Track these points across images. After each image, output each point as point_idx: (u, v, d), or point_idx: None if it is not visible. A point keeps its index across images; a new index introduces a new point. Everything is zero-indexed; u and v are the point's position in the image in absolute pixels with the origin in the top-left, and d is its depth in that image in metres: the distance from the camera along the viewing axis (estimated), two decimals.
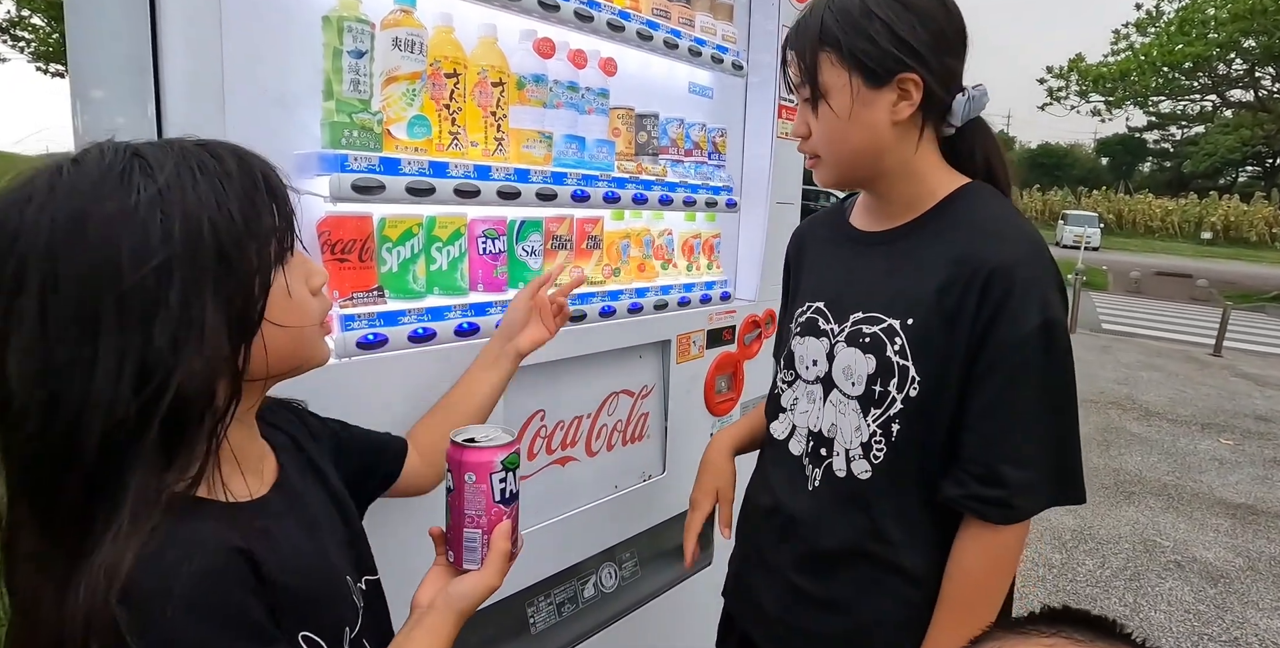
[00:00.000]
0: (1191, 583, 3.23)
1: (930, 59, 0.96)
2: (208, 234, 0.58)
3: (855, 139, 1.00)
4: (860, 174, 1.05)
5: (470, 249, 1.28)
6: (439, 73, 1.20)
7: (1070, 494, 0.96)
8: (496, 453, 0.79)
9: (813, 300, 1.11)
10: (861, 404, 1.01)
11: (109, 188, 0.57)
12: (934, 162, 1.04)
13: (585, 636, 1.54)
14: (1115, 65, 20.90)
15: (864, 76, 0.96)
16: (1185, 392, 6.61)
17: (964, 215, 1.00)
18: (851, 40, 0.96)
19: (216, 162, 0.61)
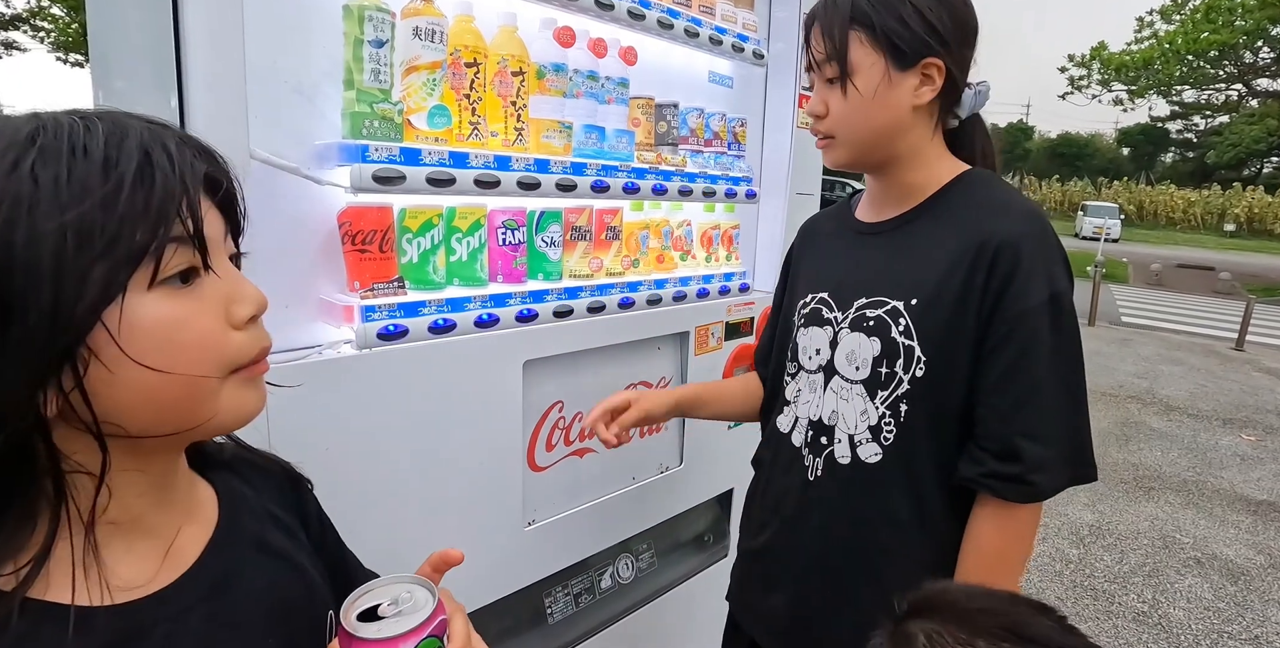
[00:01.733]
0: (1211, 580, 3.20)
1: (953, 47, 0.98)
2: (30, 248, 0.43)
3: (877, 119, 1.00)
4: (875, 156, 1.05)
5: (490, 240, 1.27)
6: (459, 62, 1.19)
7: (1085, 472, 0.96)
8: (404, 641, 0.54)
9: (816, 291, 1.12)
10: (868, 387, 1.02)
11: None
12: (942, 150, 1.06)
13: (602, 626, 1.55)
14: (1138, 53, 20.55)
15: (893, 57, 0.97)
16: (1206, 386, 6.52)
17: (967, 197, 1.02)
18: (884, 20, 0.97)
19: (81, 148, 0.45)
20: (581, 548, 1.49)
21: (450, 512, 1.22)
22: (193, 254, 0.49)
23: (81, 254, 0.44)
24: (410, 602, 0.58)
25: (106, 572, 0.50)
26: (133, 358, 0.47)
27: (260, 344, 0.54)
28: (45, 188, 0.44)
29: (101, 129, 0.47)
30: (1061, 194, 36.78)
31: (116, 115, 0.49)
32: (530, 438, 1.36)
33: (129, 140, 0.47)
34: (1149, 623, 2.85)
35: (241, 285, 0.54)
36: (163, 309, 0.48)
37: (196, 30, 0.91)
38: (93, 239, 0.44)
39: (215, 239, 0.52)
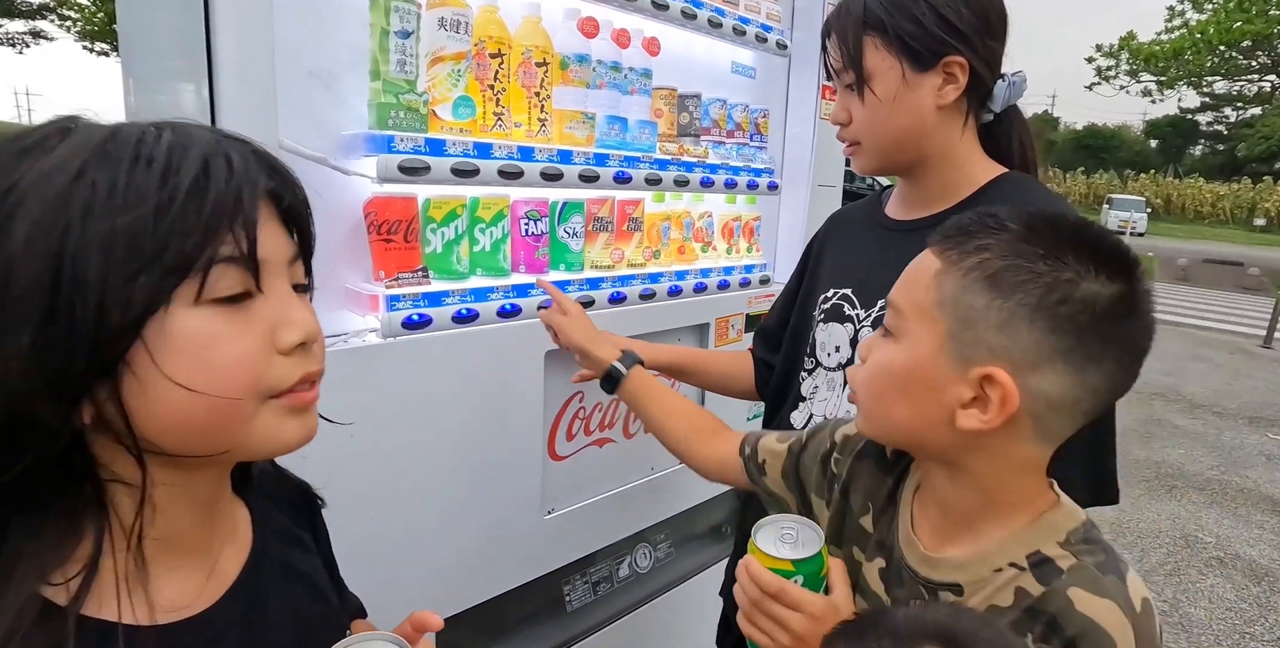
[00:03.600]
0: (1234, 580, 3.16)
1: (976, 42, 0.95)
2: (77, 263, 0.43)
3: (899, 123, 0.98)
4: (902, 159, 1.03)
5: (512, 230, 1.28)
6: (483, 53, 1.19)
7: (1106, 495, 0.94)
8: None
9: (839, 286, 1.10)
10: None
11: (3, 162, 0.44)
12: (974, 149, 1.02)
13: (620, 615, 1.56)
14: (1168, 44, 20.15)
15: (910, 60, 0.95)
16: (1233, 384, 6.42)
17: (1002, 199, 0.98)
18: (897, 23, 0.94)
19: (146, 157, 0.45)
20: (600, 537, 1.50)
21: (471, 500, 1.24)
22: (244, 275, 0.48)
23: (129, 262, 0.43)
24: None
25: (152, 590, 0.49)
26: (164, 372, 0.45)
27: (303, 370, 0.51)
28: (101, 194, 0.43)
29: (167, 138, 0.46)
30: (1087, 187, 36.18)
31: (190, 126, 0.48)
32: (551, 427, 1.37)
33: (192, 150, 0.46)
34: (1169, 622, 2.82)
35: (292, 310, 0.51)
36: (203, 326, 0.46)
37: (227, 21, 0.92)
38: (141, 247, 0.44)
39: (274, 261, 0.50)
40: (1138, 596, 0.62)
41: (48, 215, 0.42)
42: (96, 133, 0.46)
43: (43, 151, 0.44)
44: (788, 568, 0.71)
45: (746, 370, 1.30)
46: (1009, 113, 1.03)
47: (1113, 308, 0.59)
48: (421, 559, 1.19)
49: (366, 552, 1.09)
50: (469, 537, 1.25)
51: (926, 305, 0.65)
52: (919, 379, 0.65)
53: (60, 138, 0.45)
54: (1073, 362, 0.60)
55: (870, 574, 0.78)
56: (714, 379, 1.33)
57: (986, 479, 0.67)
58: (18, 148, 0.44)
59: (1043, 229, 0.62)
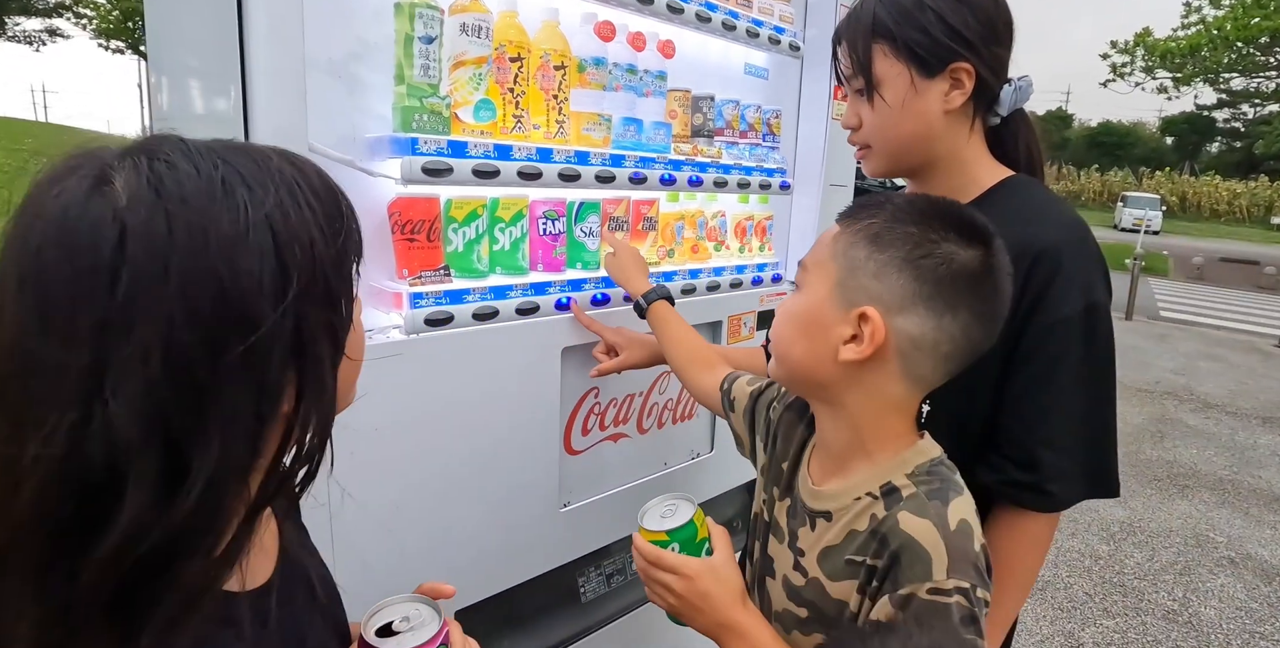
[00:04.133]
0: (1245, 580, 3.16)
1: (981, 48, 0.97)
2: (316, 267, 0.50)
3: (908, 128, 1.01)
4: (910, 163, 1.06)
5: (531, 230, 1.31)
6: (504, 57, 1.22)
7: (1105, 486, 0.96)
8: None
9: None
10: None
11: (218, 201, 0.47)
12: (980, 152, 1.05)
13: (633, 606, 1.59)
14: (1185, 40, 19.94)
15: (917, 66, 0.98)
16: (1247, 384, 6.38)
17: (1008, 204, 1.00)
18: (904, 31, 0.97)
19: (302, 177, 0.52)
20: (614, 530, 1.53)
21: (490, 493, 1.27)
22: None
23: (348, 269, 0.55)
24: (420, 618, 0.65)
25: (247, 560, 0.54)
26: (348, 352, 0.56)
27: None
28: (321, 218, 0.52)
29: (309, 168, 0.55)
30: (1101, 184, 35.91)
31: (299, 155, 0.56)
32: (567, 422, 1.41)
33: (326, 178, 0.56)
34: (1179, 621, 2.83)
35: None
36: (358, 312, 0.59)
37: (259, 24, 0.95)
38: (349, 257, 0.55)
39: None
40: (955, 517, 0.73)
41: (301, 242, 0.50)
42: (257, 165, 0.51)
43: (244, 186, 0.49)
44: (663, 538, 0.85)
45: (760, 367, 1.33)
46: (1015, 116, 1.06)
47: (969, 266, 0.73)
48: (439, 549, 1.22)
49: (385, 542, 1.13)
50: (486, 528, 1.28)
51: (823, 259, 0.79)
52: (813, 320, 0.78)
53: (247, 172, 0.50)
54: (933, 308, 0.73)
55: (780, 512, 0.89)
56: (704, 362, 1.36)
57: (860, 417, 0.79)
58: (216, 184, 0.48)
59: (921, 205, 0.77)
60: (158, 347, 0.43)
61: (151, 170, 0.46)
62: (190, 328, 0.44)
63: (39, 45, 24.26)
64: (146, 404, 0.43)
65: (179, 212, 0.45)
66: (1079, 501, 0.95)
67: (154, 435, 0.43)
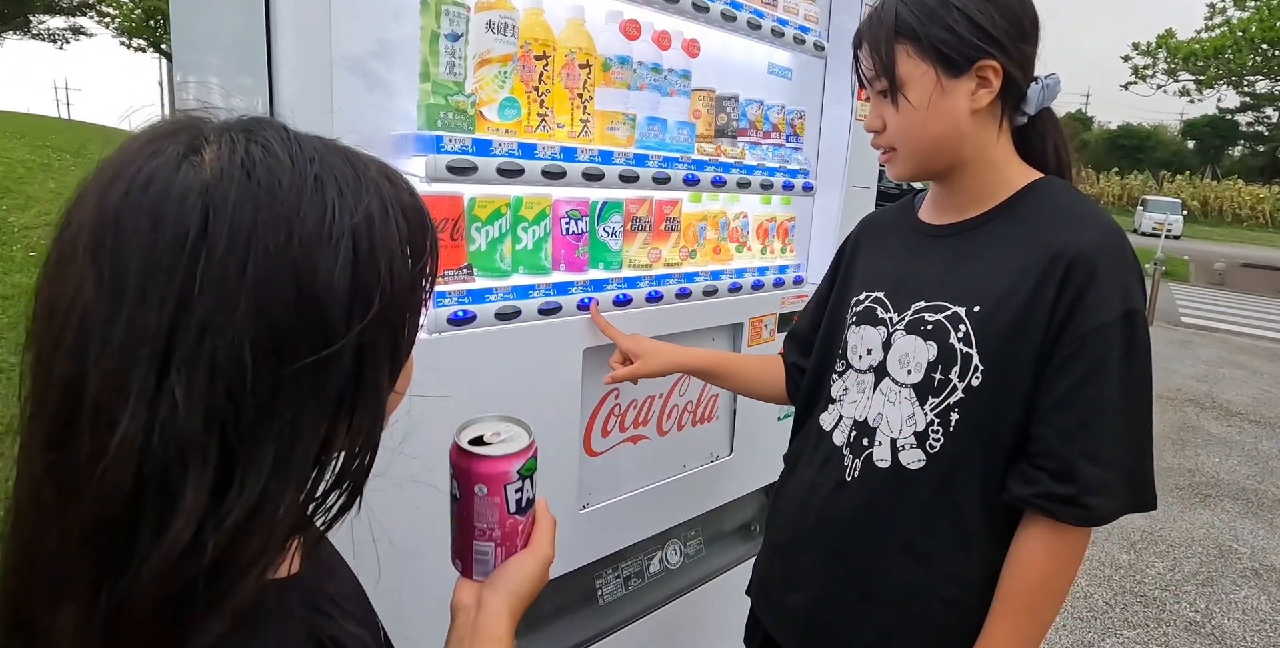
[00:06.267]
0: (1269, 592, 3.10)
1: (1009, 46, 0.95)
2: (394, 289, 0.48)
3: (934, 128, 0.98)
4: (938, 165, 1.03)
5: (554, 229, 1.30)
6: (529, 55, 1.21)
7: (1145, 500, 0.93)
8: (512, 462, 0.65)
9: (871, 289, 1.10)
10: (918, 392, 0.99)
11: (307, 199, 0.44)
12: (1009, 152, 1.03)
13: (650, 610, 1.58)
14: (1208, 42, 19.67)
15: (943, 66, 0.95)
16: (1271, 392, 6.28)
17: (1039, 206, 0.99)
18: (929, 30, 0.95)
19: (395, 193, 0.50)
20: (633, 533, 1.52)
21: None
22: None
23: (421, 292, 0.53)
24: (511, 432, 0.68)
25: None
26: (393, 385, 0.53)
27: None
28: (402, 239, 0.49)
29: (401, 180, 0.53)
30: (1121, 188, 35.48)
31: (391, 166, 0.54)
32: (587, 424, 1.40)
33: (416, 193, 0.53)
34: (1201, 633, 2.78)
35: None
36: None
37: (287, 23, 0.95)
38: (425, 272, 0.52)
39: None
40: None
41: (387, 258, 0.47)
42: (354, 171, 0.48)
43: (335, 189, 0.46)
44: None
45: (777, 374, 1.31)
46: (1042, 116, 1.03)
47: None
48: None
49: (403, 542, 1.12)
50: None
51: None
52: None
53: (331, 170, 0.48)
54: None
55: None
56: (745, 383, 1.35)
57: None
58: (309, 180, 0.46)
59: None
60: (225, 339, 0.40)
61: (247, 152, 0.44)
62: (259, 327, 0.41)
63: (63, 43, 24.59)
64: (209, 398, 0.40)
65: (266, 200, 0.43)
66: (1121, 515, 0.91)
67: (213, 434, 0.41)
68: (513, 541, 0.68)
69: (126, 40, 23.11)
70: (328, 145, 0.49)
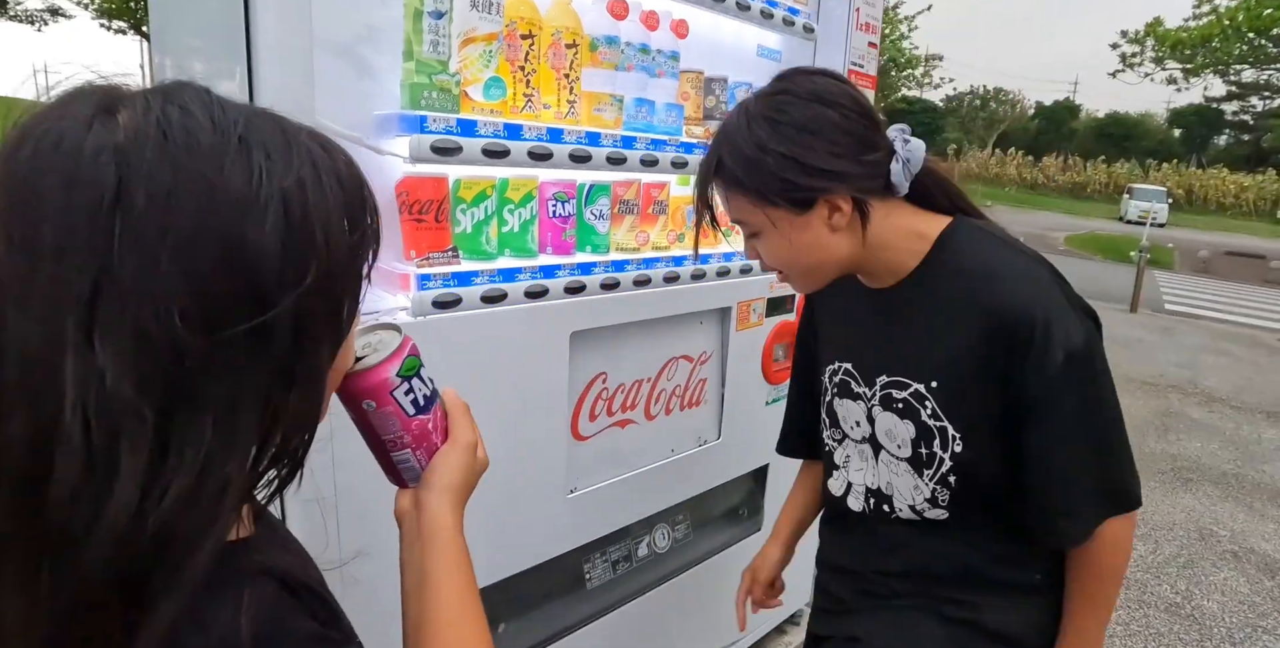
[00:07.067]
0: (1248, 574, 3.15)
1: (851, 170, 0.89)
2: (331, 258, 0.46)
3: (806, 259, 0.95)
4: (832, 277, 0.99)
5: (540, 212, 1.29)
6: (514, 34, 1.20)
7: (1123, 504, 0.95)
8: (386, 368, 0.62)
9: (841, 360, 1.09)
10: (913, 466, 1.00)
11: (230, 161, 0.42)
12: (898, 224, 0.96)
13: (638, 593, 1.58)
14: (1196, 30, 19.73)
15: (786, 210, 0.90)
16: (1252, 378, 6.36)
17: (956, 265, 0.95)
18: (757, 181, 0.89)
19: (329, 159, 0.48)
20: (621, 516, 1.52)
21: (496, 478, 1.24)
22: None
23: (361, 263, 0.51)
24: (380, 340, 0.64)
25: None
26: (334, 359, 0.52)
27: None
28: (338, 206, 0.48)
29: (337, 150, 0.50)
30: (1108, 176, 35.61)
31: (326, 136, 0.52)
32: (575, 408, 1.39)
33: (354, 164, 0.51)
34: (1181, 614, 2.83)
35: None
36: None
37: (267, 0, 0.92)
38: (362, 244, 0.51)
39: None
40: None
41: (320, 223, 0.46)
42: (283, 135, 0.47)
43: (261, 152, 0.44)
44: None
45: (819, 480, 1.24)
46: (919, 174, 0.95)
47: None
48: None
49: (388, 527, 1.11)
50: (493, 514, 1.27)
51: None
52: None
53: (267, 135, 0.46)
54: None
55: None
56: (815, 508, 1.28)
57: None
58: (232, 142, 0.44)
59: None
60: (151, 303, 0.39)
61: (163, 112, 0.42)
62: (187, 292, 0.40)
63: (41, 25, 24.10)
64: (139, 365, 0.39)
65: (185, 161, 0.41)
66: (1098, 525, 0.94)
67: (147, 402, 0.39)
68: (428, 440, 0.66)
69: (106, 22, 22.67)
70: (256, 111, 0.47)
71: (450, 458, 0.67)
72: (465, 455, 0.68)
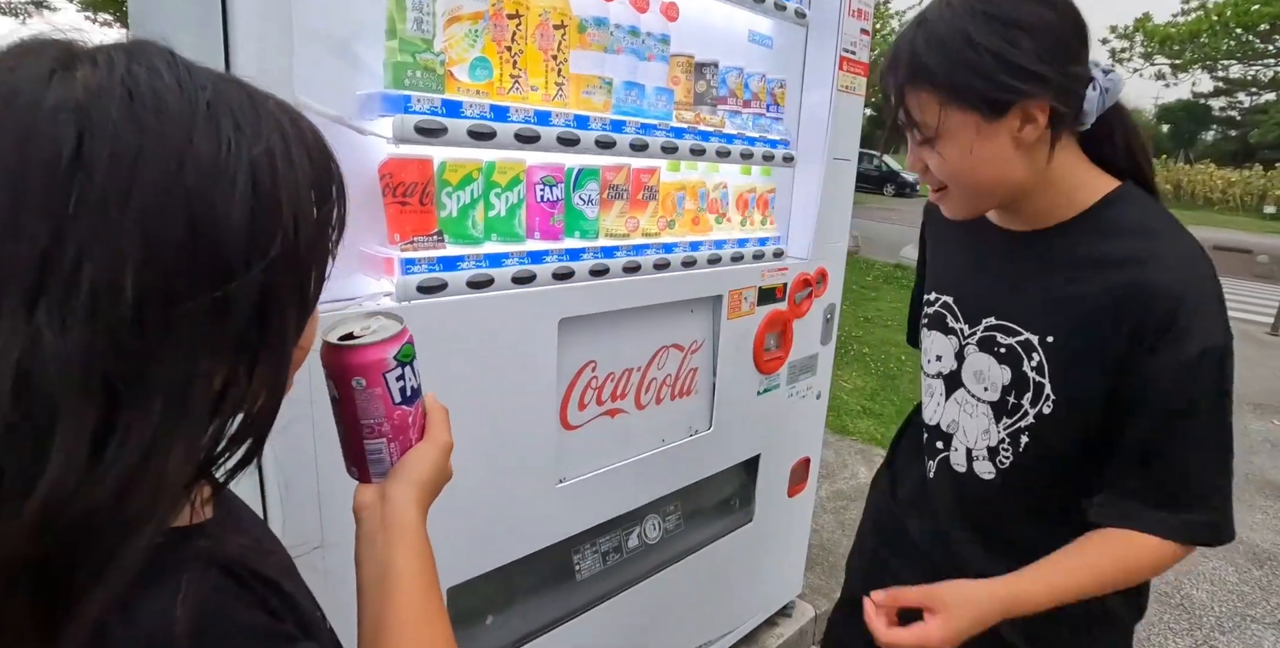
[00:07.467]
0: (1236, 564, 3.17)
1: (1053, 77, 0.82)
2: (298, 230, 0.45)
3: (982, 173, 0.89)
4: (994, 202, 0.95)
5: (528, 196, 1.26)
6: (501, 13, 1.17)
7: (1215, 535, 0.91)
8: (386, 348, 0.61)
9: (941, 293, 1.06)
10: (995, 411, 0.97)
11: (199, 126, 0.41)
12: (1073, 165, 0.92)
13: (628, 584, 1.57)
14: (1185, 26, 19.83)
15: (978, 113, 0.84)
16: (1239, 371, 6.19)
17: (1116, 226, 0.90)
18: (956, 76, 0.83)
19: (296, 130, 0.47)
20: (611, 507, 1.50)
21: (484, 467, 1.24)
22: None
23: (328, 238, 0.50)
24: (381, 325, 0.64)
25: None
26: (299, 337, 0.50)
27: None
28: (306, 179, 0.47)
29: (306, 125, 0.49)
30: None
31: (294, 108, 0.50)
32: (563, 397, 1.37)
33: (323, 140, 0.50)
34: (1170, 603, 2.84)
35: None
36: None
37: None
38: (329, 218, 0.50)
39: None
40: None
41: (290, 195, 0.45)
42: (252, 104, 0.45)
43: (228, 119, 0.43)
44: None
45: None
46: (1109, 113, 0.91)
47: None
48: (432, 525, 1.16)
49: None
50: (481, 504, 1.25)
51: None
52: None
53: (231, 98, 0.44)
54: None
55: None
56: None
57: None
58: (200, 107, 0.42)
59: None
60: (105, 271, 0.37)
61: (129, 71, 0.40)
62: (146, 260, 0.38)
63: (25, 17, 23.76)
64: (88, 337, 0.37)
65: (153, 124, 0.39)
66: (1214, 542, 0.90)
67: (93, 377, 0.37)
68: (405, 434, 0.65)
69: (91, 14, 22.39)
70: (221, 76, 0.45)
71: (425, 454, 0.65)
72: (440, 456, 0.66)
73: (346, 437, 0.65)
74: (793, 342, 1.82)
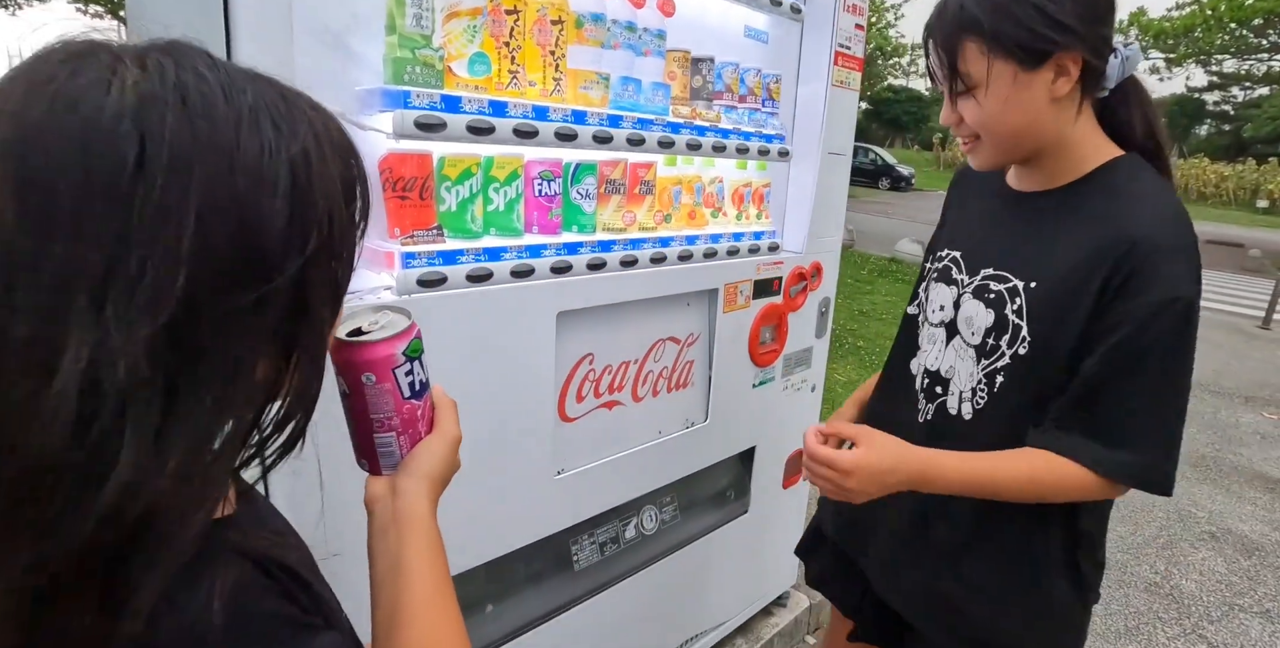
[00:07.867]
0: (1225, 554, 3.21)
1: (1085, 32, 0.92)
2: (332, 226, 0.47)
3: (1015, 122, 0.97)
4: (1020, 154, 1.03)
5: (526, 190, 1.27)
6: (499, 9, 1.18)
7: (1156, 483, 0.96)
8: (394, 344, 0.63)
9: (951, 248, 1.15)
10: (977, 353, 1.06)
11: (244, 130, 0.42)
12: (1088, 130, 1.01)
13: (625, 575, 1.59)
14: (1179, 20, 19.82)
15: (1017, 62, 0.93)
16: (1230, 364, 6.45)
17: (1110, 187, 0.99)
18: (1000, 26, 0.92)
19: (326, 129, 0.48)
20: (608, 498, 1.52)
21: (483, 459, 1.25)
22: None
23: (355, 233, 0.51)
24: (389, 320, 0.65)
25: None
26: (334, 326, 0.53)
27: None
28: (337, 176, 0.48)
29: (335, 124, 0.50)
30: None
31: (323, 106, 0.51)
32: (561, 389, 1.38)
33: (350, 137, 0.52)
34: (1160, 593, 2.87)
35: None
36: None
37: None
38: (356, 216, 0.51)
39: None
40: None
41: (328, 193, 0.47)
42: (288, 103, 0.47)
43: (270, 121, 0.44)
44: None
45: None
46: (1125, 85, 1.01)
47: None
48: None
49: None
50: (479, 495, 1.26)
51: None
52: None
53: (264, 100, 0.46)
54: None
55: None
56: None
57: None
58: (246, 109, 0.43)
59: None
60: (167, 275, 0.38)
61: (179, 77, 0.41)
62: (200, 260, 0.39)
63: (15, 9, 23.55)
64: (151, 338, 0.38)
65: (205, 128, 0.40)
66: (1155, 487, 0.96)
67: (156, 373, 0.39)
68: (414, 427, 0.66)
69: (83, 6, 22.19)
70: (255, 76, 0.47)
71: (434, 447, 0.66)
72: (449, 449, 0.67)
73: (356, 431, 0.66)
74: (788, 335, 1.84)
